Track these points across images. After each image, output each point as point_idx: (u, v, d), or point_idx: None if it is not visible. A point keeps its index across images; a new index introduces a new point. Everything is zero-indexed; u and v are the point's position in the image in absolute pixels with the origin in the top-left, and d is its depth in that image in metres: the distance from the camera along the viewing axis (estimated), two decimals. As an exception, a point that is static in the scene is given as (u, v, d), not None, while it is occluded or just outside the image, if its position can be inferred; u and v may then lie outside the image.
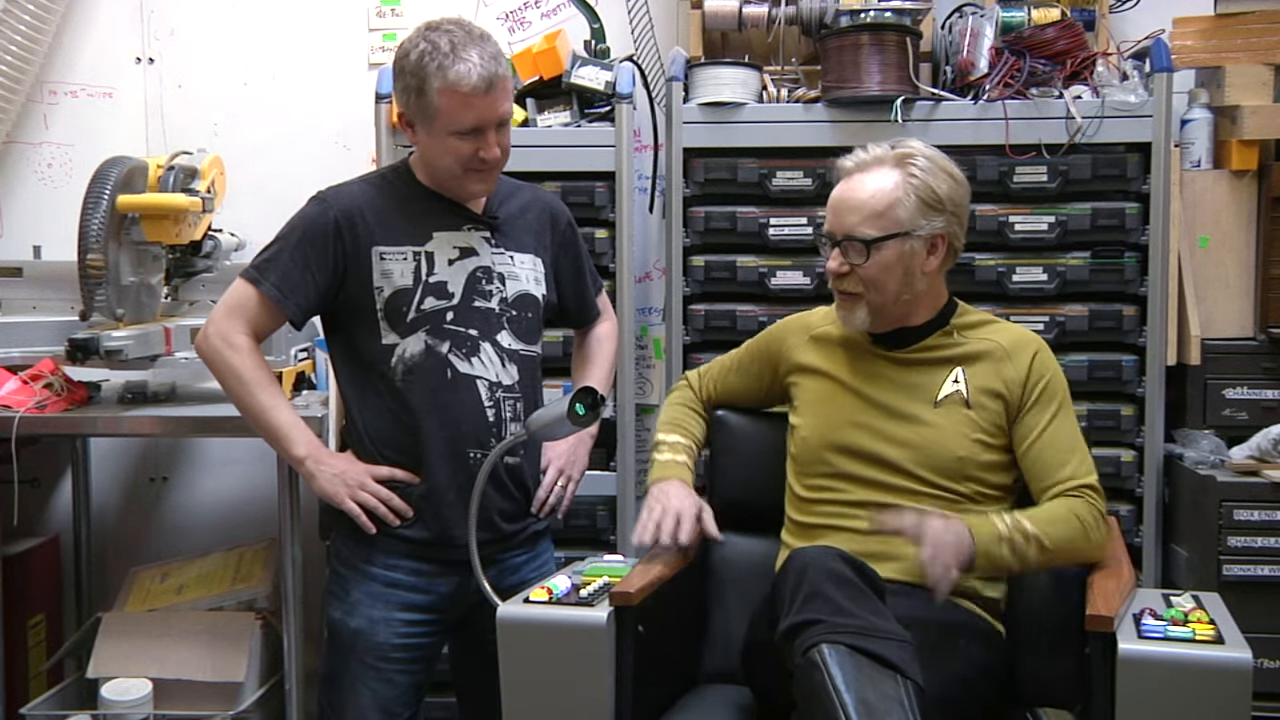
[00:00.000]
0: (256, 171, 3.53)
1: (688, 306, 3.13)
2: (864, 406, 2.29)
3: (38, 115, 3.67)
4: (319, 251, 2.32)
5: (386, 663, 2.37)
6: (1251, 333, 3.12)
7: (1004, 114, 2.97)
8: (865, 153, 2.28)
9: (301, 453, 2.34)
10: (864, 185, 2.25)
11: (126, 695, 2.93)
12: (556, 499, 2.50)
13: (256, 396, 2.34)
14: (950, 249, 2.29)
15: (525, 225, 2.47)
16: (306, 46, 3.64)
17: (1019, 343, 2.30)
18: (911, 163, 2.24)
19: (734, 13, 3.22)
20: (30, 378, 2.97)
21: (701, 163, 3.09)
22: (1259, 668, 2.84)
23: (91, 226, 2.83)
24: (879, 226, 2.22)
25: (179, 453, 3.74)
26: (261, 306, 2.34)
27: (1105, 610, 1.93)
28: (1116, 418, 3.00)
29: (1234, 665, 1.83)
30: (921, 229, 2.22)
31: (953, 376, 2.27)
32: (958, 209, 2.26)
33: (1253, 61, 3.11)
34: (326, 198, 2.38)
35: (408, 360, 2.33)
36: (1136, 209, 2.99)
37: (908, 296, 2.27)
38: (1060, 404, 2.27)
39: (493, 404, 2.36)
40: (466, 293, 2.36)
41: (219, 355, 2.34)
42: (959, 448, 2.23)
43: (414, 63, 2.26)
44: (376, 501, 2.32)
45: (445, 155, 2.30)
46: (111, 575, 3.58)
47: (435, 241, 2.36)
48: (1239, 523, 2.88)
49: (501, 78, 2.27)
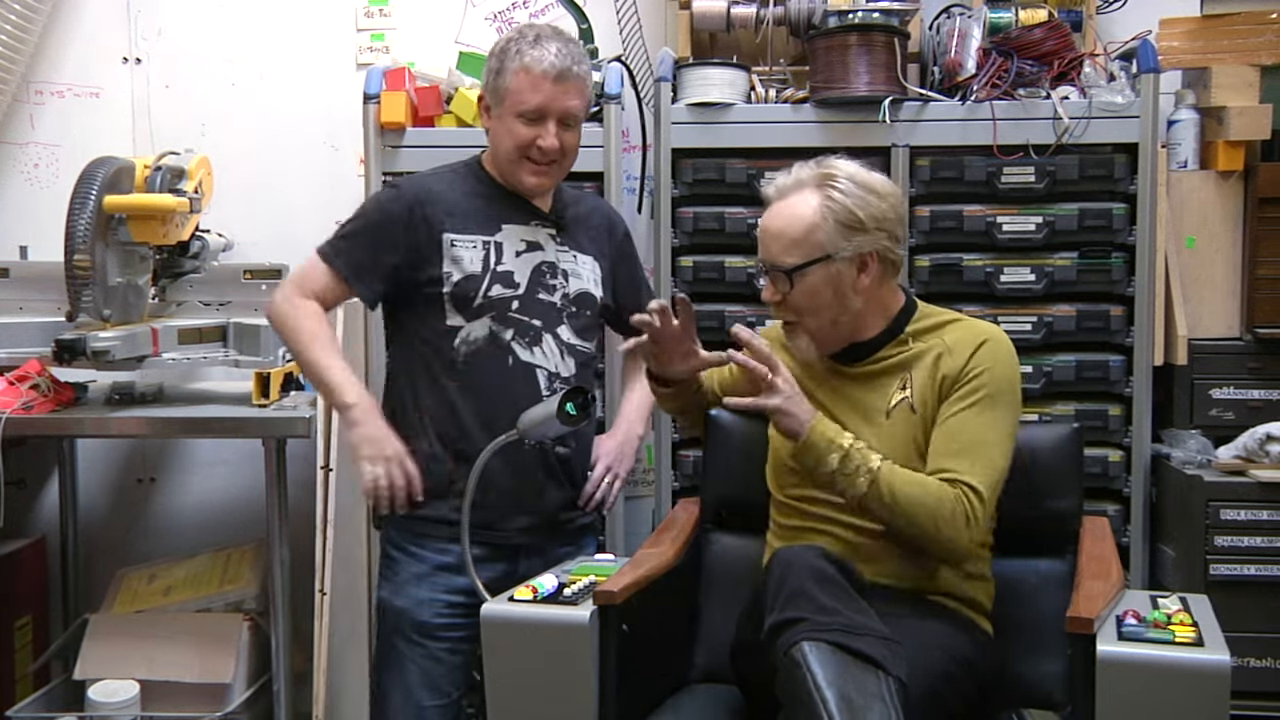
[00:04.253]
0: (244, 172, 3.52)
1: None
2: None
3: (24, 115, 3.66)
4: (391, 236, 2.42)
5: (433, 640, 2.43)
6: (1238, 333, 3.13)
7: (991, 114, 2.98)
8: (787, 176, 2.24)
9: (351, 399, 2.40)
10: (783, 212, 2.21)
11: (114, 697, 2.93)
12: (604, 494, 2.56)
13: (315, 353, 2.41)
14: (886, 262, 2.21)
15: (588, 230, 2.57)
16: (294, 47, 3.63)
17: (966, 337, 2.22)
18: (831, 184, 2.18)
19: (722, 13, 3.22)
20: (17, 379, 2.96)
21: (690, 163, 3.09)
22: (1246, 667, 2.88)
23: (78, 227, 2.82)
24: (800, 254, 2.18)
25: (166, 454, 3.73)
26: (333, 281, 2.43)
27: (1086, 612, 1.92)
28: (1104, 418, 3.00)
29: (1212, 668, 1.82)
30: (844, 251, 2.17)
31: (901, 383, 2.22)
32: (884, 224, 2.19)
33: (1239, 62, 3.12)
34: (400, 184, 2.51)
35: (471, 343, 2.41)
36: (1124, 209, 3.00)
37: (846, 317, 2.22)
38: (981, 399, 2.16)
39: (550, 393, 2.42)
40: (531, 284, 2.44)
41: (284, 314, 2.44)
42: (910, 456, 2.18)
43: (500, 48, 2.43)
44: (393, 479, 2.37)
45: (507, 138, 2.41)
46: (99, 576, 3.57)
47: (504, 233, 2.45)
48: (1226, 522, 2.89)
49: (575, 75, 2.39)
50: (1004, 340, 2.24)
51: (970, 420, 2.15)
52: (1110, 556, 2.27)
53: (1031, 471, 2.34)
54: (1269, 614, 2.88)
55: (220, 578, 3.31)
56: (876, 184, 2.21)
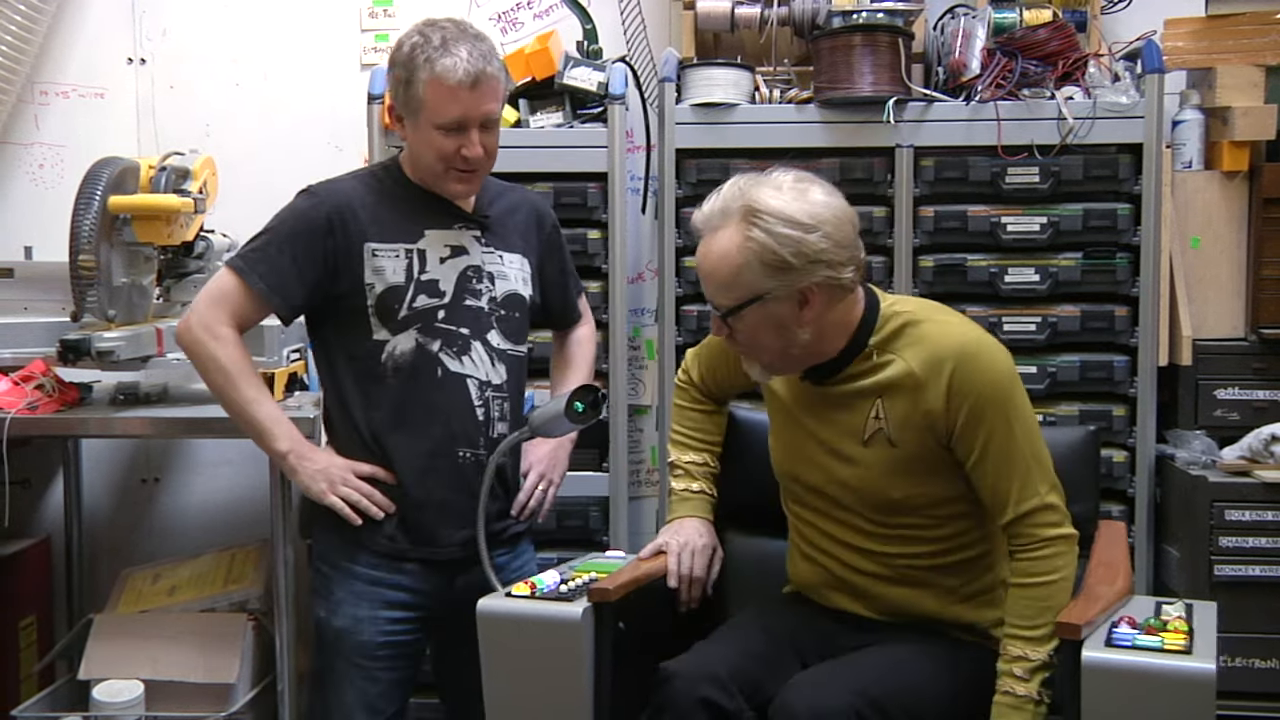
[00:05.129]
0: (249, 172, 3.52)
1: (680, 307, 3.13)
2: (808, 438, 2.18)
3: (29, 116, 3.66)
4: (308, 246, 2.30)
5: (371, 661, 2.37)
6: (1243, 333, 3.12)
7: (996, 115, 2.98)
8: (712, 205, 2.05)
9: (284, 448, 2.33)
10: (710, 251, 2.04)
11: (118, 697, 2.93)
12: (537, 503, 2.49)
13: (240, 390, 2.32)
14: (833, 289, 2.02)
15: (514, 226, 2.47)
16: (299, 47, 3.64)
17: (932, 363, 2.04)
18: (753, 222, 1.98)
19: (726, 13, 3.22)
20: (22, 379, 2.96)
21: (694, 163, 3.09)
22: (1250, 668, 2.88)
23: (83, 227, 2.82)
24: (731, 296, 2.03)
25: (171, 454, 3.73)
26: (247, 298, 2.31)
27: (1075, 618, 1.92)
28: (1108, 418, 3.00)
29: (1194, 676, 1.81)
30: (777, 291, 1.99)
31: (874, 412, 2.09)
32: (819, 256, 1.97)
33: (1244, 62, 3.12)
34: (317, 192, 2.36)
35: (398, 358, 2.32)
36: (1128, 210, 3.00)
37: (796, 350, 2.06)
38: (994, 421, 2.02)
39: (482, 403, 2.36)
40: (458, 291, 2.35)
41: (201, 345, 2.31)
42: (892, 489, 2.09)
43: (405, 54, 2.27)
44: (359, 496, 2.31)
45: (429, 150, 2.30)
46: (103, 576, 3.57)
47: (427, 239, 2.35)
48: (1230, 523, 2.89)
49: (489, 76, 2.26)
50: (964, 348, 2.05)
51: (998, 447, 2.03)
52: (1120, 562, 2.24)
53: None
54: (1273, 615, 2.88)
55: (224, 578, 3.31)
56: (805, 216, 1.98)
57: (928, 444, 2.07)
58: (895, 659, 2.04)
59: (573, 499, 3.07)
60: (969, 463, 2.06)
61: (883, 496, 2.11)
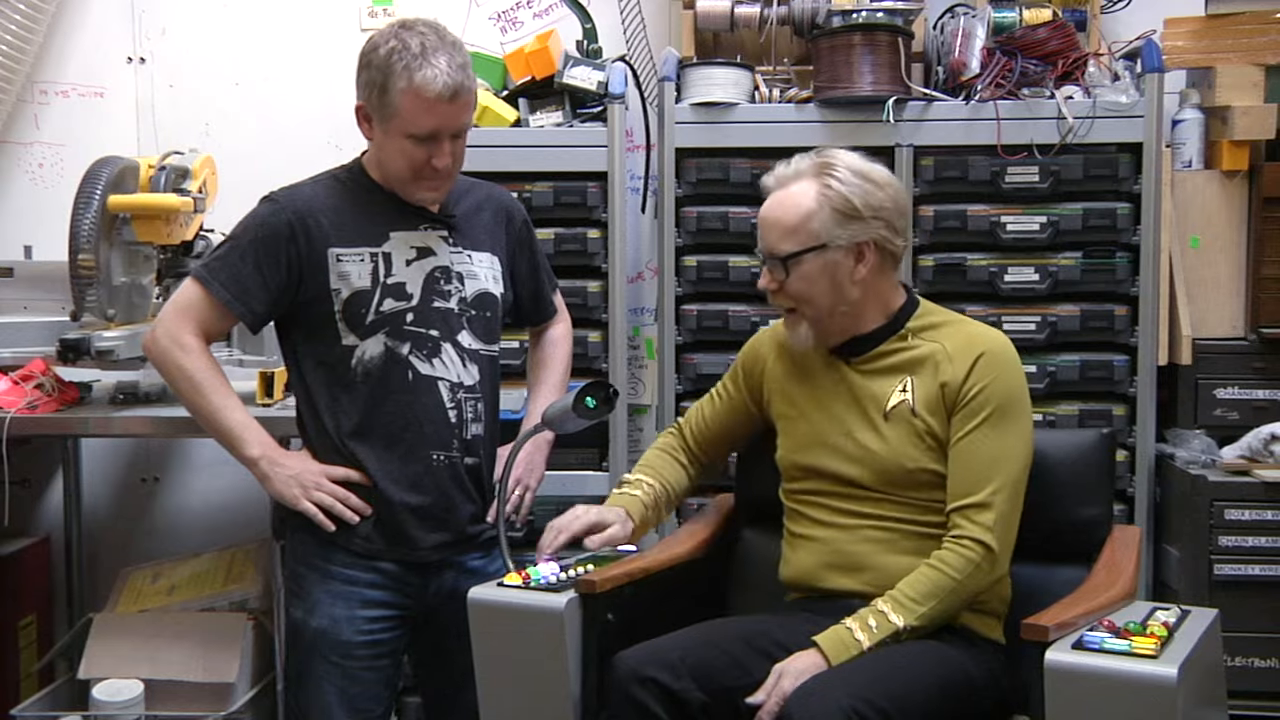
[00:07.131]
0: (248, 172, 3.50)
1: (680, 307, 3.13)
2: (825, 421, 2.26)
3: (29, 115, 3.66)
4: (272, 253, 2.28)
5: (351, 660, 2.34)
6: (1243, 333, 3.13)
7: (996, 114, 2.98)
8: (787, 167, 2.23)
9: (255, 453, 2.32)
10: (781, 201, 2.20)
11: (118, 696, 2.93)
12: (513, 507, 2.46)
13: (208, 398, 2.31)
14: (885, 253, 2.20)
15: (481, 224, 2.44)
16: (298, 46, 3.64)
17: (966, 345, 2.20)
18: (829, 173, 2.17)
19: (726, 13, 3.22)
20: (21, 378, 2.96)
21: (694, 163, 3.09)
22: (1250, 667, 2.88)
23: (83, 227, 2.82)
24: (795, 241, 2.17)
25: (170, 453, 3.73)
26: (211, 308, 2.30)
27: (1047, 620, 1.92)
28: (1108, 418, 3.00)
29: (1151, 680, 1.80)
30: (839, 240, 2.16)
31: (901, 385, 2.21)
32: (882, 213, 2.17)
33: (1243, 62, 3.12)
34: (279, 198, 2.33)
35: (367, 363, 2.30)
36: (1128, 209, 3.00)
37: (844, 308, 2.21)
38: (988, 417, 2.14)
39: (454, 405, 2.33)
40: (425, 293, 2.32)
41: (168, 356, 2.31)
42: (907, 460, 2.18)
43: (382, 58, 2.22)
44: (334, 500, 2.29)
45: (398, 157, 2.27)
46: (103, 576, 3.57)
47: (392, 242, 2.32)
48: (1230, 522, 2.89)
49: (467, 89, 2.23)
50: (1003, 349, 2.21)
51: (980, 442, 2.14)
52: (1126, 566, 2.22)
53: (1060, 478, 2.30)
54: (1273, 614, 2.88)
55: (224, 577, 3.31)
56: (875, 174, 2.20)
57: (942, 418, 2.18)
58: (892, 661, 2.04)
59: (573, 498, 3.06)
60: (954, 438, 2.16)
61: (896, 467, 2.18)
